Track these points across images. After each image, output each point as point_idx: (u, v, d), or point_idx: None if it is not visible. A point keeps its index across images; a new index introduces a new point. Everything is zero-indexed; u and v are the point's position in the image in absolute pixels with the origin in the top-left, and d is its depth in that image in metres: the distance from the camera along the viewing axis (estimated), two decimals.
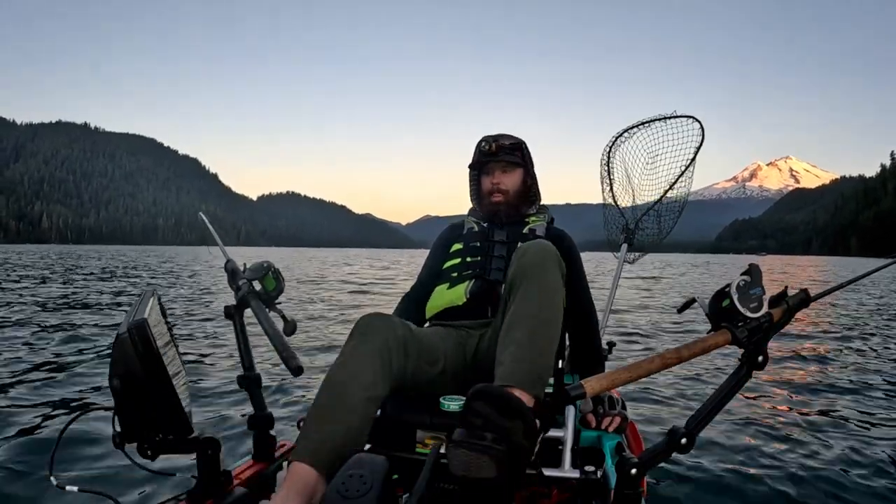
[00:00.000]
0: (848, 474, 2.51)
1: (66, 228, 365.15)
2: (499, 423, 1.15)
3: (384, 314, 1.62)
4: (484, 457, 1.13)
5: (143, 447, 1.26)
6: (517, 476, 1.19)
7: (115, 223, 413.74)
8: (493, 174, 2.05)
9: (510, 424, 1.16)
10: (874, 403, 3.69)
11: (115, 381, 1.20)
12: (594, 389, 1.12)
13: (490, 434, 1.14)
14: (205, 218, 1.97)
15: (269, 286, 1.64)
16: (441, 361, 1.67)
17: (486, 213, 2.07)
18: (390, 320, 1.59)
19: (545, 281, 1.52)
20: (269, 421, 1.68)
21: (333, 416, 1.39)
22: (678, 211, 2.74)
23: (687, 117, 2.59)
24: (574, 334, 1.91)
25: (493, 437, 1.14)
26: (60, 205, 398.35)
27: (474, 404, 1.18)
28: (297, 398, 3.48)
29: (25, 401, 3.33)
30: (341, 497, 1.10)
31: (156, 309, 1.36)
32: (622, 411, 1.81)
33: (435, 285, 1.97)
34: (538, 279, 1.52)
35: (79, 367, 4.30)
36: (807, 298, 1.22)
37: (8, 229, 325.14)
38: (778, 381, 4.31)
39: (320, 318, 7.77)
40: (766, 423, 3.19)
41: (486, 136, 2.04)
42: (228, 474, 1.45)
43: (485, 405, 1.17)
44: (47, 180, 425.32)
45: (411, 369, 1.58)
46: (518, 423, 1.17)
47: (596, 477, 1.46)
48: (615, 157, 2.77)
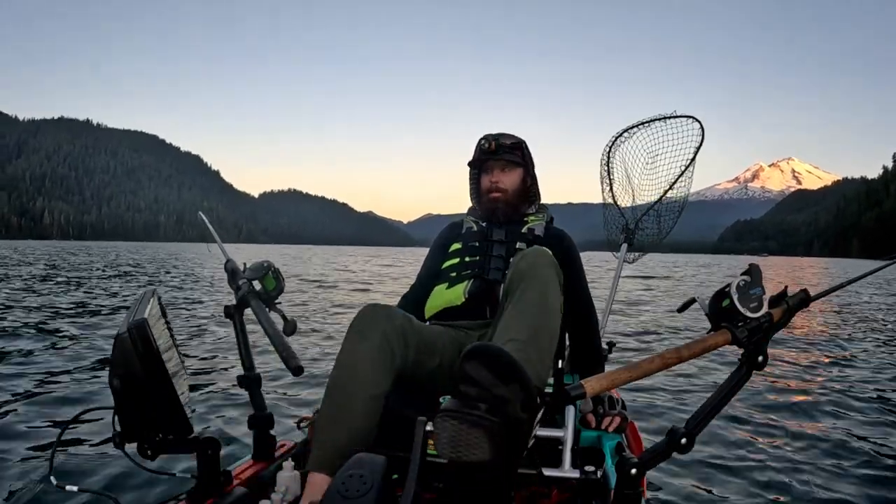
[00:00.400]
0: (849, 474, 2.51)
1: (67, 225, 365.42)
2: (494, 390, 1.06)
3: (383, 304, 1.62)
4: (476, 430, 1.03)
5: (143, 447, 1.26)
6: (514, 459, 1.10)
7: (117, 220, 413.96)
8: (492, 172, 2.04)
9: (507, 392, 1.06)
10: (875, 403, 3.69)
11: (115, 380, 1.21)
12: (594, 389, 1.11)
13: (484, 405, 1.05)
14: (204, 218, 1.97)
15: (269, 286, 1.64)
16: (438, 355, 1.67)
17: (485, 211, 2.07)
18: (390, 310, 1.59)
19: (542, 286, 1.52)
20: (269, 421, 1.68)
21: (342, 421, 1.41)
22: (678, 211, 2.74)
23: (687, 117, 2.58)
24: (574, 334, 1.91)
25: (486, 408, 1.04)
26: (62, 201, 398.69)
27: (467, 366, 1.08)
28: (297, 398, 3.48)
29: (25, 401, 3.33)
30: (341, 497, 1.10)
31: (156, 309, 1.36)
32: (622, 411, 1.81)
33: (434, 285, 1.97)
34: (535, 284, 1.52)
35: (79, 367, 4.30)
36: (807, 298, 1.22)
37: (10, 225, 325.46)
38: (778, 380, 4.30)
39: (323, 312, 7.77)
40: (766, 422, 3.20)
41: (486, 135, 2.03)
42: (228, 474, 1.46)
43: (479, 366, 1.07)
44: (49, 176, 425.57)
45: (411, 360, 1.58)
46: (515, 387, 1.07)
47: (596, 477, 1.46)
48: (615, 156, 2.77)
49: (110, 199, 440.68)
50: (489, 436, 1.03)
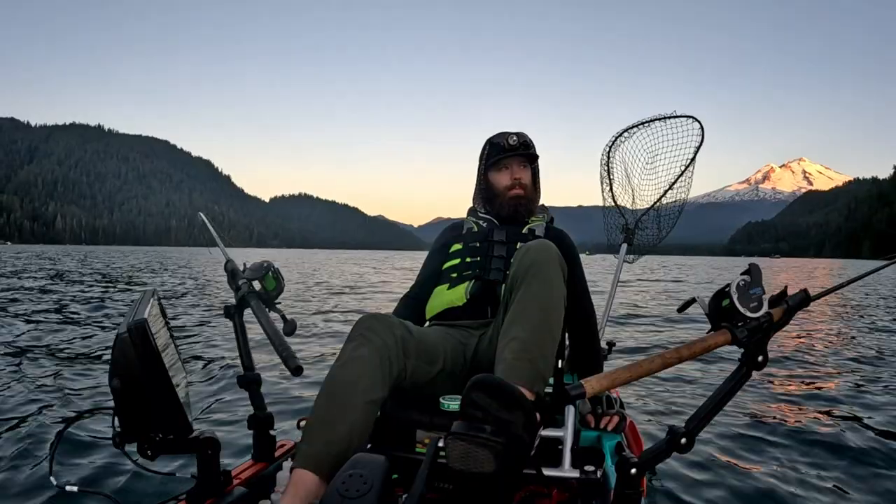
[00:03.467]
0: (849, 473, 2.49)
1: (79, 229, 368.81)
2: (498, 414, 1.15)
3: (383, 314, 1.61)
4: (483, 450, 1.12)
5: (143, 447, 1.26)
6: (516, 471, 1.18)
7: (129, 224, 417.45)
8: (512, 169, 2.02)
9: (510, 416, 1.15)
10: (876, 403, 3.66)
11: (115, 381, 1.21)
12: (594, 389, 1.12)
13: (489, 427, 1.14)
14: (204, 218, 1.97)
15: (269, 286, 1.64)
16: (440, 361, 1.66)
17: (504, 209, 2.03)
18: (389, 321, 1.58)
19: (547, 279, 1.52)
20: (269, 421, 1.68)
21: (334, 421, 1.40)
22: (678, 211, 2.73)
23: (687, 117, 2.58)
24: (574, 334, 1.90)
25: (492, 430, 1.13)
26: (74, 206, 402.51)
27: (473, 395, 1.17)
28: (297, 398, 3.49)
29: (25, 401, 3.34)
30: (341, 497, 1.10)
31: (156, 309, 1.37)
32: (620, 410, 1.81)
33: (434, 286, 1.97)
34: (540, 277, 1.52)
35: (79, 367, 4.31)
36: (807, 298, 1.22)
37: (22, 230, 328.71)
38: (778, 380, 4.27)
39: None
40: (766, 422, 3.17)
41: (503, 132, 2.03)
42: (228, 474, 1.46)
43: (484, 396, 1.16)
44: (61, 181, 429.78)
45: (410, 369, 1.57)
46: (518, 414, 1.16)
47: (596, 477, 1.45)
48: (615, 156, 2.76)
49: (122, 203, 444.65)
50: (494, 454, 1.13)
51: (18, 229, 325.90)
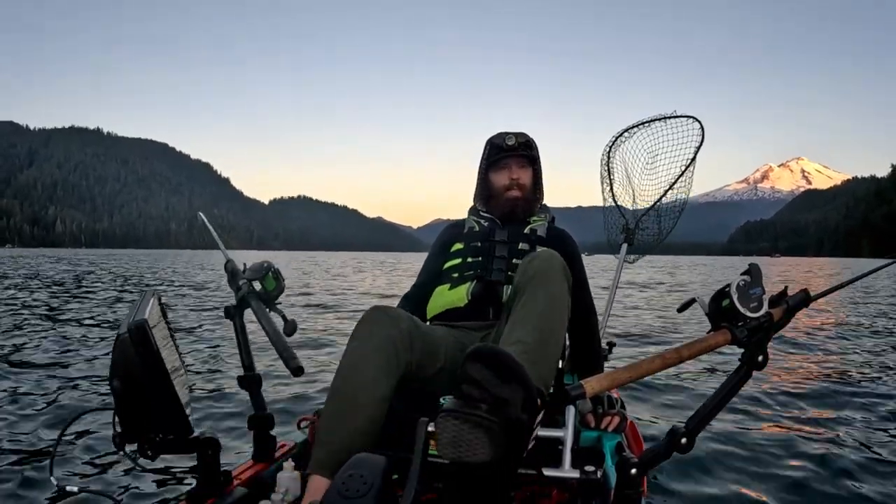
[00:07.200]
0: (850, 473, 2.48)
1: (79, 232, 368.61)
2: (495, 391, 1.08)
3: (389, 307, 1.61)
4: (478, 430, 1.05)
5: (143, 447, 1.26)
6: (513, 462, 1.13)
7: (129, 227, 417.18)
8: (511, 169, 2.02)
9: (508, 393, 1.08)
10: (877, 402, 3.65)
11: (116, 381, 1.21)
12: (594, 389, 1.11)
13: (485, 405, 1.07)
14: (204, 218, 1.97)
15: (269, 286, 1.64)
16: (442, 358, 1.66)
17: (501, 210, 2.03)
18: (395, 313, 1.58)
19: (552, 288, 1.52)
20: (269, 421, 1.68)
21: (345, 423, 1.40)
22: (678, 211, 2.73)
23: (687, 117, 2.58)
24: (574, 334, 1.90)
25: (488, 408, 1.06)
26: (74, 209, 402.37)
27: (469, 367, 1.10)
28: (298, 398, 3.48)
29: (25, 401, 3.35)
30: (341, 497, 1.10)
31: (156, 309, 1.36)
32: (621, 410, 1.81)
33: (435, 286, 1.96)
34: (545, 286, 1.52)
35: (79, 368, 4.32)
36: (807, 298, 1.22)
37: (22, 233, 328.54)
38: (778, 380, 4.27)
39: None
40: (766, 422, 3.17)
41: (503, 132, 2.03)
42: (228, 474, 1.46)
43: (482, 368, 1.09)
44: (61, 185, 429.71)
45: (416, 363, 1.57)
46: (517, 388, 1.09)
47: (596, 477, 1.45)
48: (615, 156, 2.77)
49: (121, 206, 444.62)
50: (490, 436, 1.06)
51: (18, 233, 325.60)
